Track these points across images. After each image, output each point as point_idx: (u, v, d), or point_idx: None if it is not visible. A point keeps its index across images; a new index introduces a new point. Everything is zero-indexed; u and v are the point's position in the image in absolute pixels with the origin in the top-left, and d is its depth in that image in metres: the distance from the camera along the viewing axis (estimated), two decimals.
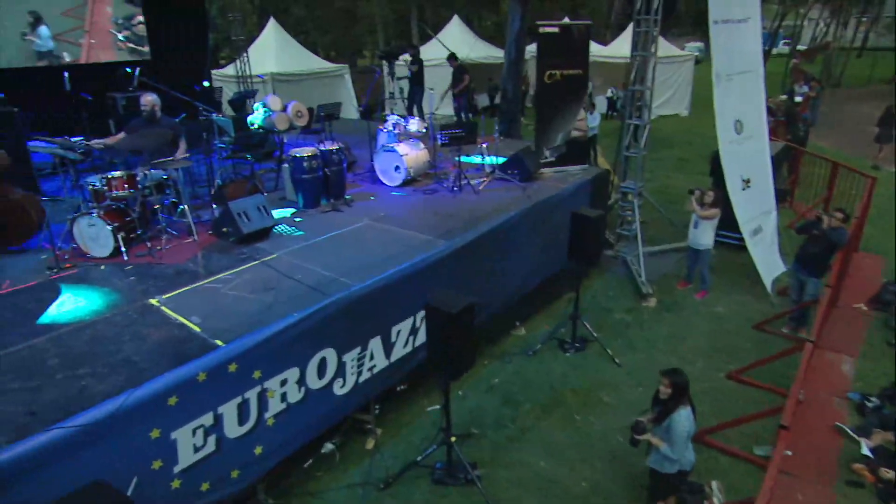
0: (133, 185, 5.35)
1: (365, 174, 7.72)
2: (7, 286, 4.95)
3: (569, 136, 7.82)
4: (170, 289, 4.72)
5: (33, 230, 5.64)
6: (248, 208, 5.53)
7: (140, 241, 5.62)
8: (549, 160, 7.73)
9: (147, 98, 5.83)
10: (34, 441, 3.06)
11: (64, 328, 4.18)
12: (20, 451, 3.01)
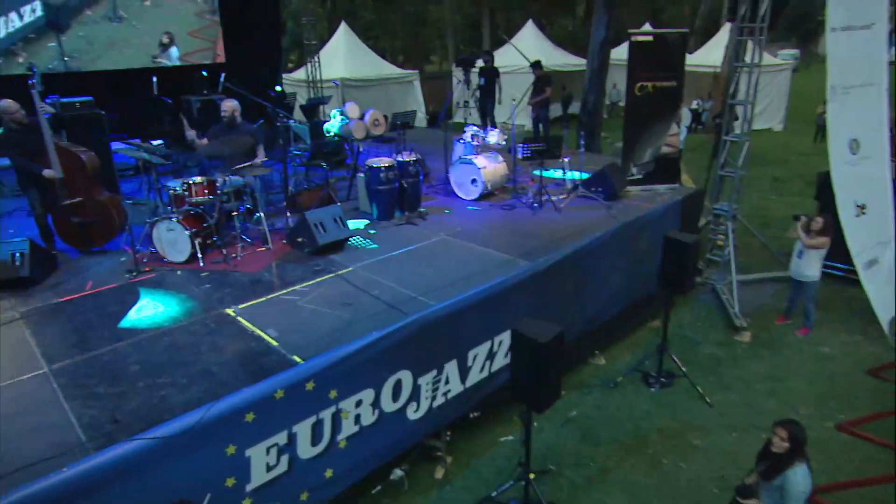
0: (213, 191, 5.54)
1: (439, 186, 7.72)
2: (90, 287, 5.22)
3: (658, 152, 7.55)
4: (245, 298, 4.82)
5: (115, 232, 5.94)
6: (324, 219, 5.61)
7: (215, 247, 5.80)
8: (636, 178, 7.49)
9: (228, 104, 6.05)
10: (117, 450, 3.15)
11: (144, 334, 4.33)
12: (104, 460, 3.10)
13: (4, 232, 6.55)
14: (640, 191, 7.43)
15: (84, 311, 4.75)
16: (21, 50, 9.90)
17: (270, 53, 13.16)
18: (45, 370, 3.90)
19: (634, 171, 7.51)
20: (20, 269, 5.09)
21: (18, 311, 4.76)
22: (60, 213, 5.76)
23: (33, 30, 10.05)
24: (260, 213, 5.79)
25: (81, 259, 5.87)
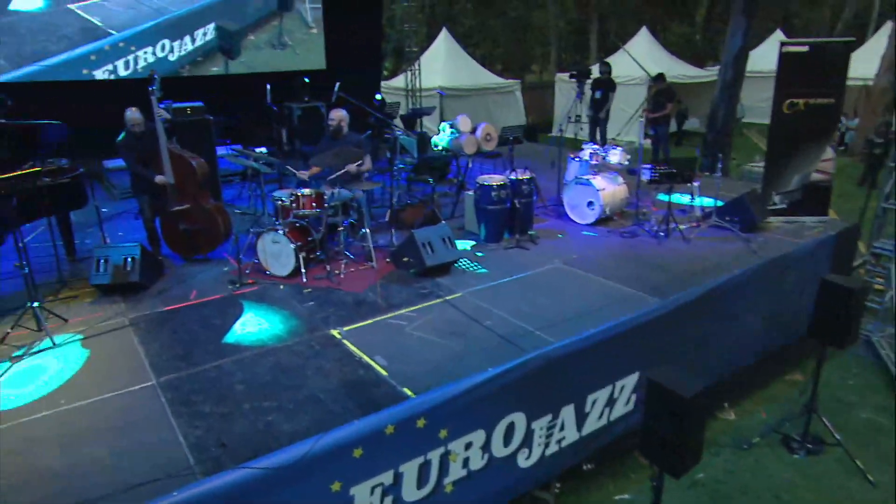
0: (320, 205, 5.64)
1: (550, 207, 7.52)
2: (194, 296, 5.43)
3: (808, 179, 6.97)
4: (351, 320, 4.83)
5: (220, 240, 6.18)
6: (432, 238, 5.56)
7: (318, 262, 5.90)
8: (779, 207, 6.94)
9: (336, 113, 6.16)
10: (226, 478, 3.17)
11: (248, 351, 4.42)
12: (213, 487, 3.12)
13: (113, 234, 7.00)
14: (784, 223, 6.87)
15: (188, 321, 4.94)
16: (187, 72, 10.82)
17: (371, 61, 13.54)
18: (154, 382, 4.04)
19: (777, 199, 6.96)
20: (131, 274, 5.38)
21: (128, 317, 5.02)
22: (168, 219, 6.07)
23: (202, 53, 11.07)
24: (366, 230, 5.84)
25: (185, 266, 6.15)
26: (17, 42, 9.65)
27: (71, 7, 10.23)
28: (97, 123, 7.32)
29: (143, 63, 10.44)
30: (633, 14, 20.33)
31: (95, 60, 10.10)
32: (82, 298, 5.42)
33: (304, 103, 10.88)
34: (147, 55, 10.55)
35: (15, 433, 3.55)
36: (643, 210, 7.00)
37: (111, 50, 10.24)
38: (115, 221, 7.71)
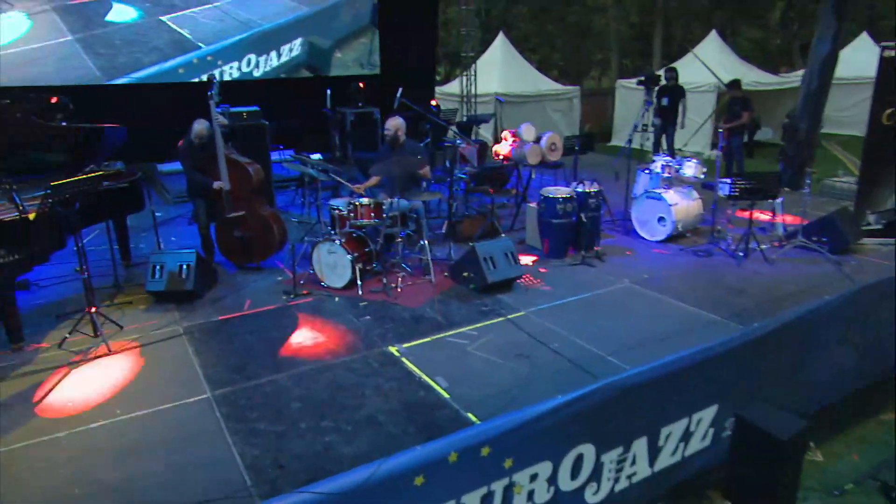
0: (379, 215, 5.62)
1: (617, 222, 7.32)
2: (248, 306, 5.48)
3: None
4: (409, 337, 4.77)
5: (274, 249, 6.24)
6: (494, 253, 5.47)
7: (374, 275, 5.88)
8: (874, 227, 6.56)
9: (393, 122, 6.14)
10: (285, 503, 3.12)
11: (304, 366, 4.40)
12: None
13: (166, 239, 7.15)
14: (879, 245, 6.49)
15: (243, 332, 4.97)
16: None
17: (426, 65, 13.60)
18: (208, 395, 4.06)
19: (872, 219, 6.59)
20: (186, 282, 5.47)
21: (182, 326, 5.09)
22: (223, 226, 6.16)
23: (287, 69, 11.49)
24: (425, 242, 5.79)
25: (238, 274, 6.22)
26: (112, 54, 10.13)
27: (163, 19, 10.66)
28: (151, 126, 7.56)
29: (229, 77, 10.80)
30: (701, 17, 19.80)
31: (183, 73, 10.53)
32: (137, 305, 5.53)
33: (358, 109, 10.98)
34: (233, 70, 10.93)
35: (73, 442, 3.61)
36: (719, 227, 6.73)
37: (199, 63, 10.65)
38: (168, 226, 7.91)
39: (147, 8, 10.79)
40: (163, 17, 10.76)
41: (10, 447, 3.55)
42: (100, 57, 10.08)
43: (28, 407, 3.97)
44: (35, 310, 5.40)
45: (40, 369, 4.41)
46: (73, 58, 9.95)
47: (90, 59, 10.07)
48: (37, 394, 4.11)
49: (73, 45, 10.02)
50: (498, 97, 11.20)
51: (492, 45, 16.61)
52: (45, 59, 9.83)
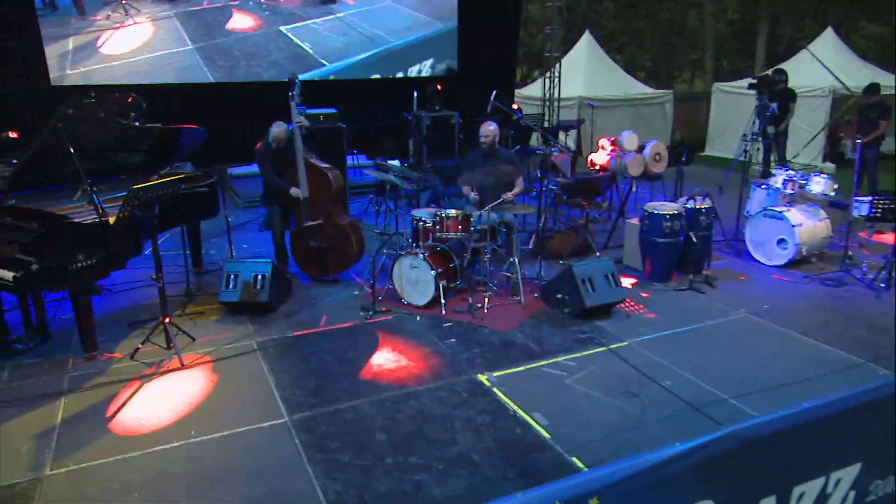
0: (466, 228, 5.47)
1: (729, 242, 6.90)
2: (324, 322, 5.43)
3: None
4: (499, 364, 4.58)
5: (351, 261, 6.19)
6: (593, 274, 5.22)
7: (457, 292, 5.73)
8: None
9: (489, 128, 5.99)
10: None
11: (386, 392, 4.28)
12: None
13: (237, 246, 7.22)
14: None
15: (320, 351, 4.91)
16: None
17: (506, 66, 13.46)
18: (286, 419, 3.99)
19: None
20: (260, 294, 5.47)
21: (255, 341, 5.08)
22: (299, 235, 6.16)
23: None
24: (515, 259, 5.60)
25: (312, 287, 6.21)
26: (230, 66, 10.53)
27: (283, 30, 10.79)
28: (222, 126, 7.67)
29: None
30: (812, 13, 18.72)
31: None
32: (209, 315, 5.58)
33: (436, 112, 10.93)
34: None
35: (147, 463, 3.60)
36: (851, 253, 6.22)
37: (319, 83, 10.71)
38: (238, 232, 8.02)
39: (266, 17, 10.95)
40: (283, 28, 10.83)
41: (84, 464, 3.57)
42: (219, 69, 10.43)
43: (101, 421, 4.00)
44: (107, 316, 5.52)
45: (113, 381, 4.47)
46: (193, 68, 10.37)
47: (209, 71, 10.46)
48: (110, 408, 4.15)
49: (192, 55, 10.38)
50: (589, 101, 10.90)
51: (576, 45, 16.30)
52: (166, 67, 10.27)
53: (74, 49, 9.99)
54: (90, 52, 10.15)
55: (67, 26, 9.92)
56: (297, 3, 11.22)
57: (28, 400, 4.21)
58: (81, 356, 4.77)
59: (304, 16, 10.92)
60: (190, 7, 10.43)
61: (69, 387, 4.39)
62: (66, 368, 4.64)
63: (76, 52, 10.00)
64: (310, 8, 11.36)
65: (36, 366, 4.67)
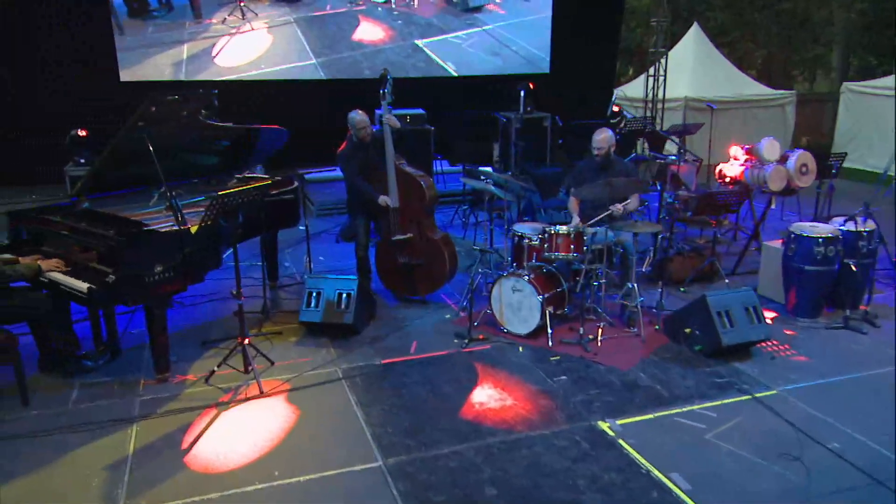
0: (579, 248, 5.19)
1: (882, 272, 6.35)
2: (415, 349, 5.24)
3: None
4: (622, 410, 4.27)
5: (443, 280, 6.00)
6: (731, 306, 4.84)
7: (564, 320, 5.45)
8: None
9: (604, 135, 5.68)
10: None
11: (492, 437, 4.04)
12: None
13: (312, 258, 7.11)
14: None
15: (411, 382, 4.72)
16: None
17: (605, 64, 13.11)
18: (380, 463, 3.81)
19: None
20: (345, 315, 5.34)
21: (340, 368, 4.93)
22: (386, 249, 6.02)
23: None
24: (633, 285, 5.27)
25: (399, 307, 6.05)
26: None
27: (419, 44, 10.62)
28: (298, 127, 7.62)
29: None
30: None
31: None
32: (287, 336, 5.49)
33: (527, 113, 10.69)
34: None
35: None
36: None
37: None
38: (313, 243, 7.93)
39: (399, 27, 10.79)
40: (419, 42, 10.64)
41: None
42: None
43: (176, 454, 3.92)
44: (177, 331, 5.47)
45: (187, 408, 4.40)
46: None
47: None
48: (185, 438, 4.06)
49: (316, 71, 10.37)
50: (708, 103, 10.41)
51: (682, 40, 15.73)
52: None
53: (189, 58, 10.27)
54: (205, 61, 10.43)
55: (182, 30, 10.24)
56: (434, 10, 11.05)
57: (98, 424, 4.18)
58: (152, 377, 4.74)
59: (443, 27, 10.61)
60: (311, 12, 10.39)
61: (140, 412, 4.35)
62: (137, 390, 4.62)
63: (190, 62, 10.28)
64: (450, 17, 11.13)
65: (105, 386, 4.67)
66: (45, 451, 3.91)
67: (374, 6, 10.83)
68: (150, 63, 10.21)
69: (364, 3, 10.70)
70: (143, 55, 10.21)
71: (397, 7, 10.97)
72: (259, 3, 10.36)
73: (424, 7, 11.24)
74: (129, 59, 10.20)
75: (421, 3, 11.12)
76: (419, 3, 11.06)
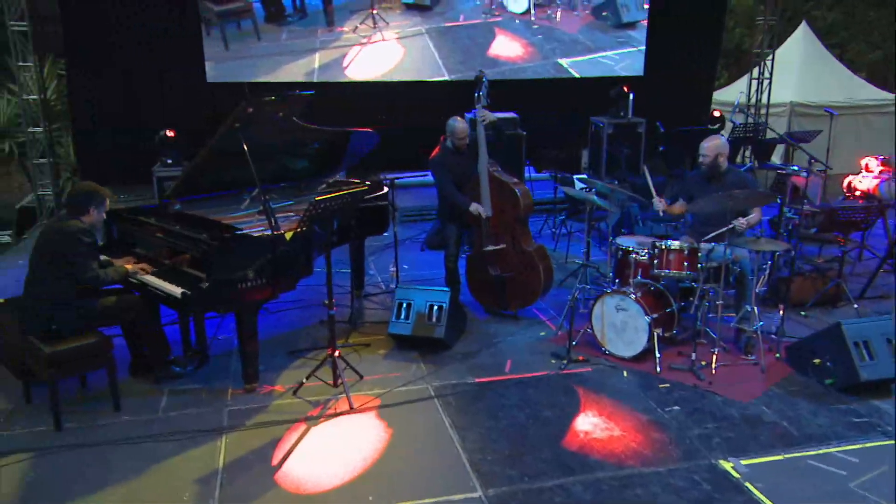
0: (693, 265, 4.91)
1: None
2: (509, 368, 5.07)
3: None
4: (746, 448, 3.99)
5: (537, 295, 5.81)
6: (870, 337, 4.48)
7: (673, 344, 5.18)
8: None
9: (714, 143, 5.35)
10: None
11: (601, 471, 3.82)
12: None
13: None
14: None
15: (508, 404, 4.56)
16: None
17: (705, 66, 12.60)
18: (479, 494, 3.65)
19: None
20: (436, 328, 5.22)
21: (431, 385, 4.81)
22: (477, 260, 5.88)
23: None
24: (752, 308, 4.95)
25: (490, 322, 5.91)
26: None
27: (562, 63, 10.25)
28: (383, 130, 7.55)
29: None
30: None
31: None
32: (375, 348, 5.41)
33: (619, 119, 10.37)
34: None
35: None
36: None
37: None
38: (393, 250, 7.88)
39: (539, 43, 10.44)
40: (562, 61, 10.27)
41: None
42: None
43: (266, 470, 3.87)
44: (264, 340, 5.43)
45: (276, 421, 4.36)
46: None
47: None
48: (275, 454, 4.01)
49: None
50: (828, 109, 9.85)
51: (789, 40, 15.05)
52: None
53: (320, 67, 10.37)
54: (336, 72, 10.51)
55: (314, 38, 10.35)
56: (578, 25, 10.64)
57: (187, 434, 4.18)
58: (241, 386, 4.73)
59: (590, 44, 10.13)
60: (443, 23, 10.24)
61: (229, 422, 4.34)
62: (225, 400, 4.61)
63: (322, 71, 10.38)
64: (599, 33, 10.67)
65: (194, 393, 4.68)
66: (135, 461, 3.92)
67: (511, 18, 10.52)
68: (282, 71, 10.36)
69: (500, 14, 10.42)
70: (276, 63, 10.36)
71: (537, 20, 10.62)
72: (390, 12, 10.35)
73: (568, 21, 10.82)
74: (265, 65, 10.35)
75: (563, 15, 10.71)
76: (561, 15, 10.65)
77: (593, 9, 11.15)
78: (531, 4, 10.75)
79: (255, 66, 10.33)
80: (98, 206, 4.38)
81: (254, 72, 10.32)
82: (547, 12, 10.87)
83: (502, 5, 10.71)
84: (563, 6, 10.93)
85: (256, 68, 10.33)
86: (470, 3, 10.62)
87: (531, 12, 10.76)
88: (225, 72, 10.29)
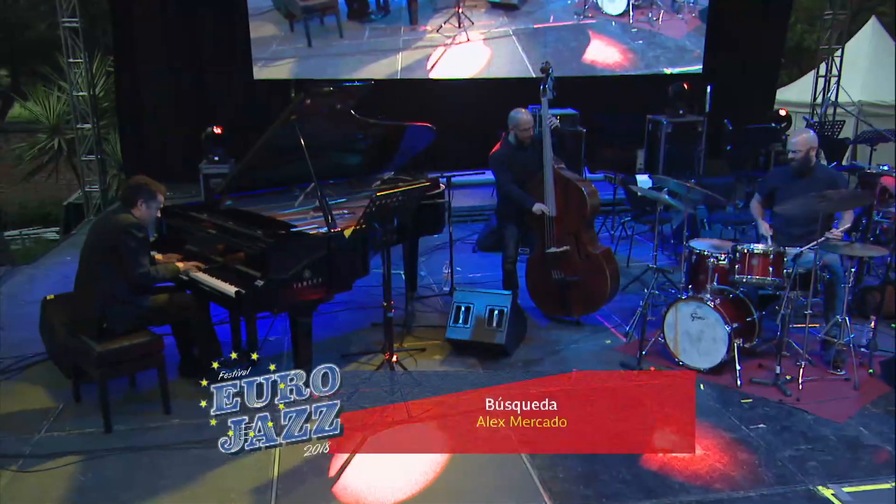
0: (779, 271, 4.59)
1: None
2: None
3: None
4: (847, 473, 3.68)
5: (602, 301, 5.56)
6: None
7: (753, 356, 4.86)
8: None
9: (801, 136, 5.05)
10: None
11: (684, 494, 3.55)
12: None
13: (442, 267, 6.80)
14: None
15: None
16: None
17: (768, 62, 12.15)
18: None
19: None
20: (496, 334, 5.00)
21: None
22: (538, 264, 5.64)
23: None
24: (842, 318, 4.62)
25: (552, 328, 5.67)
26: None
27: (669, 73, 9.98)
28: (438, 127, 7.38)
29: None
30: None
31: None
32: (431, 353, 5.21)
33: (679, 117, 10.02)
34: None
35: None
36: None
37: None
38: (444, 251, 7.67)
39: (640, 49, 10.25)
40: (668, 71, 10.05)
41: None
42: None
43: (324, 483, 3.70)
44: (315, 343, 5.26)
45: None
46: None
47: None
48: (332, 464, 3.83)
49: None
50: None
51: (856, 36, 14.49)
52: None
53: (403, 69, 10.21)
54: (419, 73, 10.34)
55: (397, 37, 10.18)
56: (684, 31, 10.34)
57: None
58: None
59: (700, 52, 9.87)
60: (532, 23, 9.96)
61: None
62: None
63: (404, 73, 10.23)
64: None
65: None
66: (187, 467, 3.77)
67: (608, 20, 10.14)
68: (365, 70, 10.20)
69: (595, 16, 10.06)
70: (359, 62, 10.21)
71: (635, 22, 10.26)
72: (475, 10, 10.07)
73: (671, 26, 10.41)
74: (347, 63, 10.21)
75: (665, 20, 10.31)
76: (663, 19, 10.26)
77: (700, 12, 10.75)
78: (629, 6, 10.38)
79: (338, 65, 10.17)
80: (148, 201, 4.24)
81: (336, 70, 10.15)
82: (647, 14, 10.45)
83: (596, 6, 10.34)
84: (666, 8, 10.52)
85: (339, 66, 10.17)
86: (560, 2, 10.27)
87: (629, 14, 10.38)
88: (307, 69, 10.13)
